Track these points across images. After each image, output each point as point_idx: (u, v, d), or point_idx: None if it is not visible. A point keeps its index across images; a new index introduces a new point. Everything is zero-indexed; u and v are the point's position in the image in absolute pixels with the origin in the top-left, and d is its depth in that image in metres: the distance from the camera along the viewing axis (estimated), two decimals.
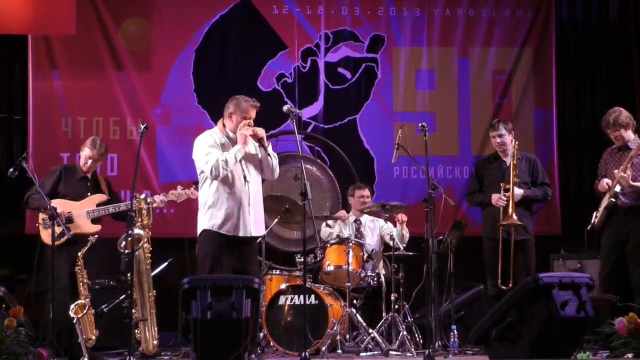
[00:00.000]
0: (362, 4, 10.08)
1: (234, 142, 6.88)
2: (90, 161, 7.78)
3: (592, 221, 7.80)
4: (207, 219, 6.85)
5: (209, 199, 6.87)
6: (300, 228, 7.77)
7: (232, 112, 6.96)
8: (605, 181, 7.67)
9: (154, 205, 7.62)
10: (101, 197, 7.77)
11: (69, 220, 7.51)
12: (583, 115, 10.24)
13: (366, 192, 8.87)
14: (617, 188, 7.55)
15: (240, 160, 6.83)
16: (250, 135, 6.83)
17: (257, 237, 7.04)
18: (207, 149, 6.82)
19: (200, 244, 6.92)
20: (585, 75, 10.22)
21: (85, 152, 7.80)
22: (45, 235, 7.50)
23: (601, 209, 7.68)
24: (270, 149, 6.96)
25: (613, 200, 7.57)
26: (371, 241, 8.60)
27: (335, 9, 10.07)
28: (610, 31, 10.25)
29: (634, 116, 9.64)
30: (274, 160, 6.99)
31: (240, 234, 6.81)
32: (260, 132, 6.86)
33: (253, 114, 6.94)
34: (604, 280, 7.68)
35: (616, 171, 7.58)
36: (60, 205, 7.50)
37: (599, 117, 9.93)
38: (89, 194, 7.74)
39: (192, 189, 7.63)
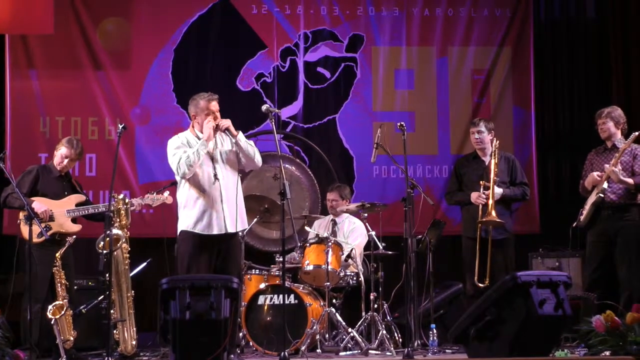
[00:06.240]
0: (341, 3, 10.07)
1: None
2: (66, 160, 7.71)
3: (578, 218, 7.82)
4: (183, 220, 6.88)
5: (182, 200, 6.90)
6: (279, 228, 7.76)
7: (194, 113, 6.98)
8: (596, 173, 7.68)
9: (132, 208, 7.61)
10: (80, 197, 7.74)
11: (51, 218, 7.46)
12: (561, 114, 10.26)
13: (332, 195, 8.76)
14: (605, 185, 7.57)
15: (211, 159, 6.85)
16: (216, 127, 6.81)
17: (236, 234, 6.97)
18: (173, 151, 6.86)
19: (179, 244, 6.96)
20: (563, 75, 10.25)
21: (62, 150, 7.72)
22: (26, 232, 7.41)
23: (588, 206, 7.70)
24: (242, 137, 6.92)
25: (602, 196, 7.56)
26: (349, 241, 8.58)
27: (315, 9, 10.06)
28: (587, 31, 10.29)
29: None
30: (251, 148, 6.94)
31: (215, 232, 6.81)
32: (224, 122, 6.84)
33: (214, 106, 6.91)
34: (590, 278, 7.72)
35: (607, 165, 7.58)
36: (42, 203, 7.46)
37: (577, 116, 10.07)
38: (66, 193, 7.71)
39: (166, 194, 7.65)
